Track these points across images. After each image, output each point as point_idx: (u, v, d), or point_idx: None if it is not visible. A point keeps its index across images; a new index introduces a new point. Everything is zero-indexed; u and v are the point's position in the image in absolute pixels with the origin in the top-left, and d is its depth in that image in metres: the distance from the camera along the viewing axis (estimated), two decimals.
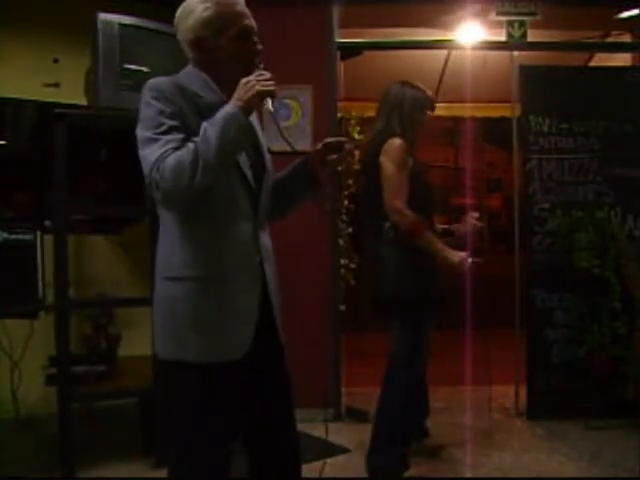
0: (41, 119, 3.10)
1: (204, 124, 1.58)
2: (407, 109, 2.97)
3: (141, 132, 1.64)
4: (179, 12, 1.74)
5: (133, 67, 2.93)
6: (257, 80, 1.59)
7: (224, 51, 1.70)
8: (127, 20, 2.95)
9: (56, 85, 3.65)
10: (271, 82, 1.60)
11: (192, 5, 1.72)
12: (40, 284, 2.86)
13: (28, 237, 2.86)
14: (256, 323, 1.70)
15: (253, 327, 1.69)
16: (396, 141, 2.84)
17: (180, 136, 1.60)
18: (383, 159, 2.82)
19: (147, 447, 3.12)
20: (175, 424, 1.73)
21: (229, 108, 1.58)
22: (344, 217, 4.33)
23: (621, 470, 2.93)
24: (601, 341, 3.56)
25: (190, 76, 1.73)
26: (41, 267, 2.87)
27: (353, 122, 4.98)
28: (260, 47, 1.72)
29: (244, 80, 1.60)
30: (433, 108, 3.07)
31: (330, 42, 3.89)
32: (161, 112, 1.61)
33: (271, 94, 1.61)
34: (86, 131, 3.03)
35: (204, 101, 1.67)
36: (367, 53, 4.10)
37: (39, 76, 3.66)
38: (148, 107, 1.63)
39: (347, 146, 1.80)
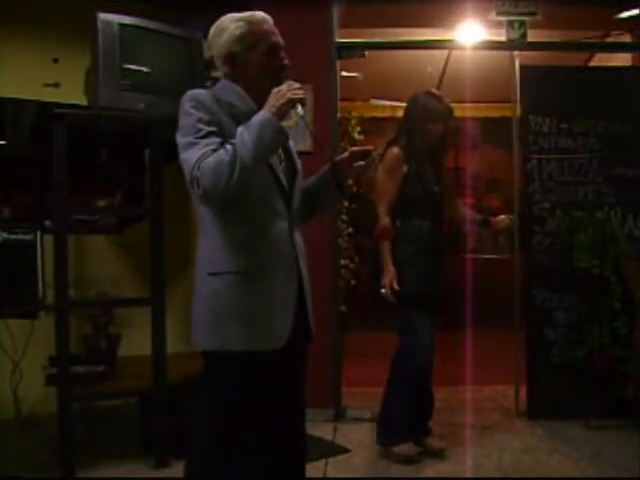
0: (41, 119, 3.10)
1: (240, 128, 1.73)
2: (416, 119, 3.12)
3: (182, 138, 1.78)
4: (212, 30, 1.92)
5: (133, 67, 2.93)
6: (288, 89, 1.76)
7: (253, 65, 1.87)
8: (127, 20, 2.95)
9: (56, 85, 3.65)
10: (300, 90, 1.77)
11: (225, 24, 1.90)
12: (40, 284, 2.86)
13: (28, 237, 2.86)
14: (293, 314, 1.85)
15: (292, 317, 1.84)
16: (393, 150, 3.10)
17: (217, 140, 1.74)
18: (380, 166, 3.04)
19: (147, 447, 3.13)
20: (214, 412, 1.84)
21: (263, 114, 1.74)
22: (344, 217, 4.33)
23: (621, 470, 2.93)
24: (601, 341, 3.55)
25: (224, 89, 1.89)
26: (41, 267, 2.87)
27: (353, 122, 4.99)
28: (286, 62, 1.90)
29: (276, 89, 1.77)
30: (448, 119, 3.15)
31: (330, 42, 3.89)
32: (199, 119, 1.76)
33: (301, 101, 1.79)
34: (86, 131, 3.03)
35: (238, 110, 1.83)
36: (367, 53, 4.09)
37: (39, 76, 3.65)
38: (188, 116, 1.79)
39: (373, 154, 1.95)
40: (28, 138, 3.26)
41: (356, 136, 4.97)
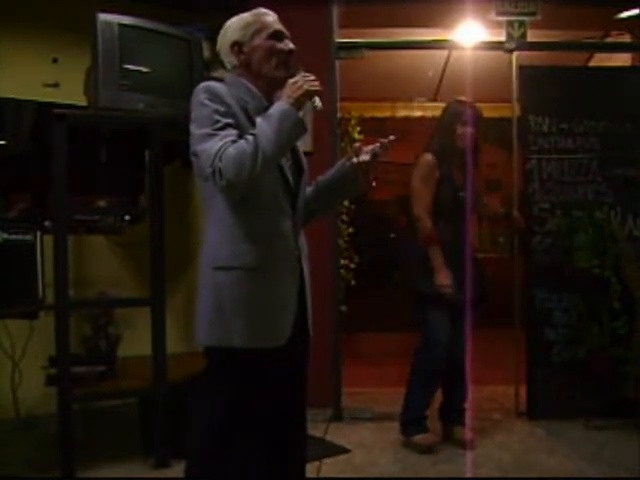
0: (41, 119, 3.10)
1: (259, 119, 1.74)
2: (444, 124, 3.32)
3: (198, 130, 1.77)
4: (220, 33, 1.95)
5: (133, 67, 2.93)
6: (304, 80, 1.76)
7: (258, 50, 1.89)
8: (127, 20, 2.95)
9: (56, 85, 3.65)
10: (317, 82, 1.77)
11: (230, 21, 1.95)
12: (40, 284, 2.86)
13: (28, 237, 2.85)
14: (294, 313, 1.85)
15: (293, 316, 1.85)
16: (426, 157, 3.28)
17: (235, 132, 1.74)
18: (414, 172, 3.27)
19: (147, 447, 3.12)
20: (215, 411, 1.83)
21: (281, 105, 1.74)
22: (344, 217, 4.33)
23: (621, 470, 2.93)
24: (601, 341, 3.55)
25: (234, 83, 1.90)
26: (41, 267, 2.87)
27: (353, 122, 4.98)
28: (291, 46, 1.90)
29: (292, 80, 1.77)
30: (465, 121, 3.26)
31: (330, 42, 3.89)
32: (216, 111, 1.76)
33: (318, 93, 1.78)
34: (86, 131, 3.02)
35: (249, 104, 1.83)
36: (367, 53, 4.09)
37: (39, 76, 3.65)
38: (203, 107, 1.78)
39: (380, 145, 1.94)
40: (28, 138, 3.25)
41: (356, 136, 4.96)
